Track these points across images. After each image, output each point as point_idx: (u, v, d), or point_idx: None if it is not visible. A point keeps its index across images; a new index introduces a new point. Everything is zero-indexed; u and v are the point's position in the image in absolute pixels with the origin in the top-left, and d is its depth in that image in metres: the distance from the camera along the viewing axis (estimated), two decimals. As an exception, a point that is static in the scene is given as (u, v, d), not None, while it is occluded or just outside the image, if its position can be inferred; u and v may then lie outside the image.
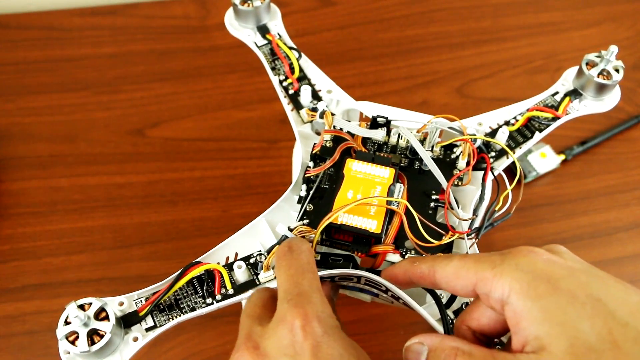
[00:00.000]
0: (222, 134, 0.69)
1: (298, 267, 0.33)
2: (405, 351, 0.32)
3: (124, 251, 0.61)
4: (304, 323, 0.29)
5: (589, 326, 0.26)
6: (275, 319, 0.31)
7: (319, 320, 0.30)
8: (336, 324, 0.30)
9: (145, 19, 0.80)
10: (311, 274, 0.33)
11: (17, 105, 0.71)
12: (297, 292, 0.31)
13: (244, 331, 0.32)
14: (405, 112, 0.48)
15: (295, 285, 0.32)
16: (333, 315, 0.31)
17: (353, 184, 0.41)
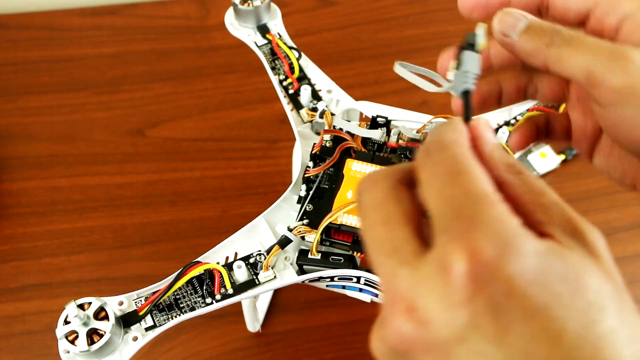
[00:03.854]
0: (222, 134, 0.69)
1: (445, 172, 0.21)
2: (503, 13, 0.28)
3: (124, 251, 0.61)
4: (483, 263, 0.18)
5: None
6: (433, 260, 0.19)
7: (505, 251, 0.18)
8: (525, 235, 0.19)
9: (145, 19, 0.80)
10: (465, 175, 0.20)
11: (17, 105, 0.71)
12: (455, 214, 0.19)
13: (386, 279, 0.20)
14: (405, 112, 0.48)
15: (448, 202, 0.20)
16: (518, 224, 0.19)
17: (353, 184, 0.41)
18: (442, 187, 0.20)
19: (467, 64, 0.27)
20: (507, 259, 0.18)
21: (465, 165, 0.21)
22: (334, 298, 0.57)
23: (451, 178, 0.20)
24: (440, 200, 0.20)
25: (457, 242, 0.19)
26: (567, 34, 0.27)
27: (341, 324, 0.56)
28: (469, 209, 0.19)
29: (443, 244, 0.19)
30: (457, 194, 0.20)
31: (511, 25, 0.28)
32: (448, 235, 0.19)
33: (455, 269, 0.19)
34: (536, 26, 0.28)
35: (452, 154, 0.21)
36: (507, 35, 0.28)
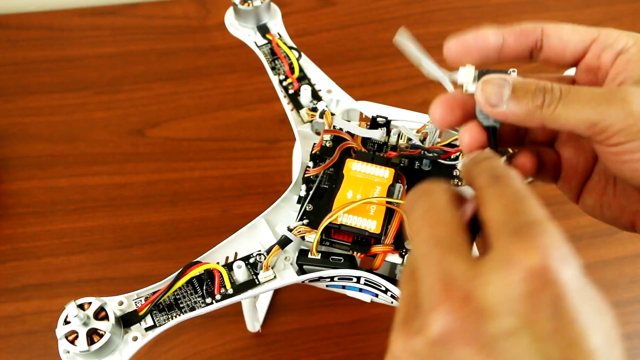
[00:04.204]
0: (222, 134, 0.69)
1: (513, 194, 0.23)
2: (483, 84, 0.28)
3: (124, 251, 0.61)
4: (543, 265, 0.20)
5: None
6: (496, 257, 0.21)
7: (562, 259, 0.20)
8: (580, 262, 0.21)
9: (145, 19, 0.80)
10: (533, 200, 0.23)
11: (17, 105, 0.71)
12: (523, 222, 0.21)
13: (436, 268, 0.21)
14: (405, 112, 0.48)
15: (516, 214, 0.22)
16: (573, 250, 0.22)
17: (353, 184, 0.41)
18: (511, 204, 0.22)
19: None
20: (568, 267, 0.20)
21: (531, 193, 0.23)
22: (334, 298, 0.57)
23: (521, 198, 0.23)
24: (508, 210, 0.22)
25: (526, 242, 0.20)
26: (557, 90, 0.27)
27: (341, 324, 0.57)
28: (536, 222, 0.21)
29: (509, 243, 0.21)
30: (527, 210, 0.22)
31: (496, 95, 0.27)
32: (517, 236, 0.21)
33: (522, 264, 0.20)
34: (522, 89, 0.27)
35: (520, 183, 0.23)
36: (495, 105, 0.28)
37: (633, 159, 0.27)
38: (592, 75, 0.30)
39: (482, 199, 0.24)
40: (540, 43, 0.30)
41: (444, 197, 0.24)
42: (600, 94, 0.27)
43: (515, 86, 0.27)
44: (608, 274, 0.59)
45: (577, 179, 0.33)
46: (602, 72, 0.30)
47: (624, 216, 0.31)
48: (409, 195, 0.25)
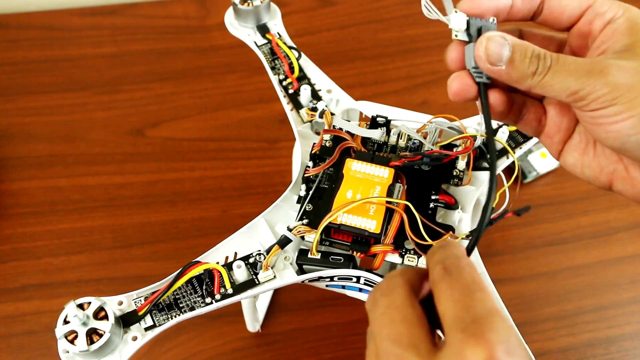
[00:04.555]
0: (222, 134, 0.69)
1: (462, 287, 0.25)
2: (487, 41, 0.30)
3: (124, 251, 0.61)
4: (491, 358, 0.22)
5: None
6: (449, 354, 0.23)
7: (508, 352, 0.22)
8: (527, 353, 0.25)
9: (145, 19, 0.80)
10: (482, 292, 0.25)
11: (17, 105, 0.71)
12: (472, 319, 0.23)
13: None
14: (405, 112, 0.48)
15: (465, 309, 0.24)
16: (521, 341, 0.25)
17: (352, 183, 0.41)
18: (462, 298, 0.24)
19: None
20: (506, 356, 0.22)
21: (481, 284, 0.25)
22: (334, 298, 0.57)
23: (470, 292, 0.25)
24: (458, 306, 0.24)
25: (474, 339, 0.23)
26: (548, 59, 0.29)
27: (341, 324, 0.56)
28: (486, 316, 0.23)
29: (460, 340, 0.23)
30: (475, 305, 0.24)
31: (497, 54, 0.30)
32: (466, 334, 0.23)
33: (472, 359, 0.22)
34: (521, 52, 0.30)
35: (470, 274, 0.25)
36: (495, 64, 0.30)
37: (606, 122, 0.30)
38: (582, 40, 0.32)
39: (435, 293, 0.26)
40: (542, 6, 0.32)
41: (403, 293, 0.26)
42: (583, 66, 0.29)
43: (514, 48, 0.30)
44: (608, 274, 0.59)
45: (559, 136, 0.34)
46: (592, 39, 0.32)
47: (602, 175, 0.34)
48: (370, 294, 0.27)
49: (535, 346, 0.55)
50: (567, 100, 0.30)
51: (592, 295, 0.58)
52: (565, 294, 0.58)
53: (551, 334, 0.56)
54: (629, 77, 0.28)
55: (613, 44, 0.30)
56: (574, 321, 0.57)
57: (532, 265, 0.60)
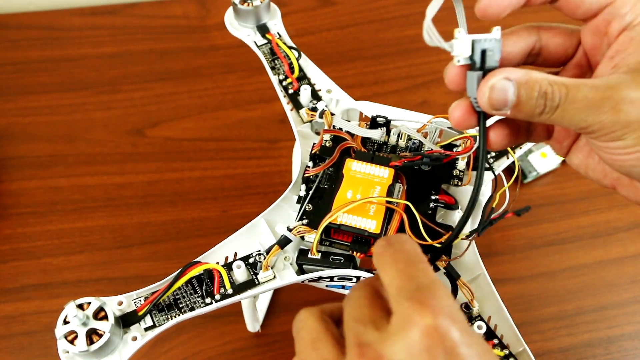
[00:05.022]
0: (222, 134, 0.69)
1: (406, 259, 0.27)
2: (490, 90, 0.29)
3: (124, 251, 0.61)
4: (436, 322, 0.24)
5: None
6: (398, 321, 0.25)
7: (451, 317, 0.24)
8: (464, 316, 0.26)
9: (145, 19, 0.80)
10: (423, 264, 0.26)
11: (17, 105, 0.71)
12: (416, 287, 0.25)
13: (354, 339, 0.26)
14: (405, 112, 0.48)
15: (409, 279, 0.26)
16: (458, 306, 0.26)
17: (352, 183, 0.41)
18: (405, 268, 0.26)
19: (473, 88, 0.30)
20: (456, 322, 0.24)
21: (422, 256, 0.27)
22: (334, 298, 0.57)
23: (413, 263, 0.26)
24: (402, 277, 0.26)
25: (419, 306, 0.24)
26: (557, 97, 0.29)
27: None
28: (428, 285, 0.25)
29: (407, 307, 0.24)
30: (419, 275, 0.26)
31: (501, 102, 0.29)
32: (411, 302, 0.24)
33: (418, 325, 0.24)
34: (526, 96, 0.29)
35: (411, 246, 0.27)
36: (501, 110, 0.29)
37: (612, 153, 0.30)
38: (597, 39, 0.31)
39: (379, 265, 0.27)
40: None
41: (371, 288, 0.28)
42: (593, 101, 0.28)
43: (519, 90, 0.29)
44: (609, 274, 0.59)
45: (568, 141, 0.34)
46: (607, 42, 0.30)
47: (605, 180, 0.34)
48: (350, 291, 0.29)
49: (535, 346, 0.55)
50: (577, 131, 0.30)
51: (592, 295, 0.58)
52: (565, 294, 0.58)
53: (551, 334, 0.56)
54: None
55: (627, 56, 0.29)
56: (574, 321, 0.57)
57: (532, 265, 0.60)
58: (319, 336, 0.27)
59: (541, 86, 0.29)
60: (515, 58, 0.32)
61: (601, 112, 0.28)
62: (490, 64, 0.29)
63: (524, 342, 0.39)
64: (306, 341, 0.28)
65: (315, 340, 0.27)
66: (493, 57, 0.29)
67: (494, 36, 0.30)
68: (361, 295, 0.28)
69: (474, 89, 0.30)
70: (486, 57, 0.29)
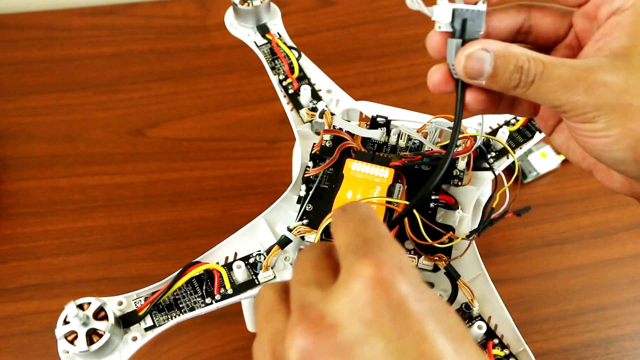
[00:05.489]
0: (222, 134, 0.69)
1: (356, 219, 0.25)
2: (466, 59, 0.29)
3: (124, 251, 0.61)
4: (380, 274, 0.22)
5: None
6: (342, 277, 0.23)
7: (398, 268, 0.22)
8: (417, 271, 0.24)
9: (145, 19, 0.80)
10: (373, 220, 0.25)
11: (17, 105, 0.71)
12: (363, 241, 0.24)
13: (297, 302, 0.24)
14: (405, 112, 0.48)
15: (358, 235, 0.24)
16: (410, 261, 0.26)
17: (352, 184, 0.41)
18: (356, 227, 0.25)
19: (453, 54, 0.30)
20: (404, 274, 0.22)
21: (373, 215, 0.26)
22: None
23: (363, 221, 0.25)
24: (352, 234, 0.25)
25: (364, 258, 0.23)
26: (532, 73, 0.29)
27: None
28: (375, 239, 0.24)
29: (352, 261, 0.23)
30: (366, 231, 0.24)
31: (477, 71, 0.29)
32: (357, 255, 0.23)
33: (361, 277, 0.22)
34: (502, 68, 0.29)
35: (364, 208, 0.26)
36: (476, 79, 0.29)
37: (584, 135, 0.30)
38: (587, 23, 0.31)
39: (333, 231, 0.26)
40: None
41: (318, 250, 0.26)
42: (568, 81, 0.28)
43: (496, 62, 0.29)
44: (609, 274, 0.59)
45: (552, 120, 0.34)
46: (597, 25, 0.30)
47: (584, 163, 0.34)
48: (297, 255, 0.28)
49: (535, 346, 0.55)
50: (550, 108, 0.30)
51: (592, 295, 0.58)
52: (565, 294, 0.58)
53: (551, 334, 0.56)
54: (613, 97, 0.28)
55: (611, 40, 0.29)
56: (574, 321, 0.57)
57: (532, 265, 0.60)
58: (273, 307, 0.26)
59: (518, 60, 0.29)
60: (502, 34, 0.32)
61: (574, 93, 0.28)
62: (471, 34, 0.29)
63: (524, 342, 0.39)
64: (261, 314, 0.26)
65: (270, 312, 0.26)
66: (474, 28, 0.29)
67: (478, 8, 0.29)
68: (307, 258, 0.27)
69: (452, 56, 0.30)
70: (467, 26, 0.29)
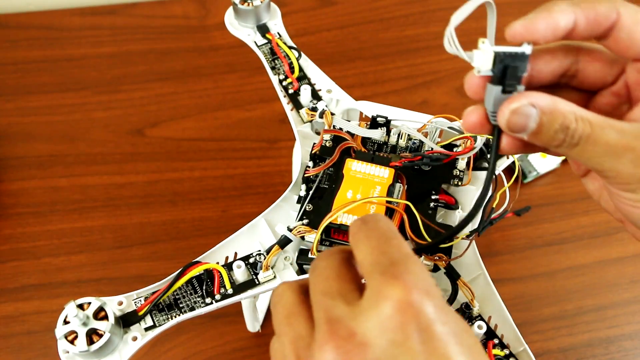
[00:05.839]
0: (222, 134, 0.69)
1: (379, 235, 0.26)
2: (511, 114, 0.27)
3: (124, 251, 0.61)
4: (410, 299, 0.23)
5: None
6: (370, 296, 0.24)
7: (426, 292, 0.23)
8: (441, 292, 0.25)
9: (145, 19, 0.80)
10: (397, 240, 0.25)
11: (17, 105, 0.71)
12: (389, 262, 0.24)
13: (323, 314, 0.24)
14: (405, 112, 0.48)
15: (383, 254, 0.25)
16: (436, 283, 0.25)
17: (352, 183, 0.41)
18: (379, 245, 0.25)
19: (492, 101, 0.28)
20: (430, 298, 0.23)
21: (396, 233, 0.26)
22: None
23: (386, 239, 0.25)
24: (376, 252, 0.25)
25: (393, 280, 0.23)
26: (577, 136, 0.27)
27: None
28: (402, 260, 0.24)
29: (380, 282, 0.24)
30: (391, 250, 0.25)
31: (521, 127, 0.28)
32: (385, 276, 0.24)
33: (391, 301, 0.23)
34: (547, 126, 0.27)
35: (386, 224, 0.26)
36: (518, 134, 0.28)
37: (621, 201, 0.30)
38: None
39: (353, 243, 0.26)
40: (609, 32, 0.28)
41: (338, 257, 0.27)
42: (614, 148, 0.27)
43: (541, 119, 0.27)
44: (609, 274, 0.59)
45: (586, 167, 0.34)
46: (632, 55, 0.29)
47: (616, 214, 0.33)
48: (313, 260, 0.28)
49: (535, 346, 0.55)
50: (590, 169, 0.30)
51: (592, 295, 0.58)
52: (565, 294, 0.58)
53: (551, 334, 0.56)
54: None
55: None
56: (574, 321, 0.57)
57: (532, 265, 0.60)
58: (293, 310, 0.26)
59: (565, 119, 0.27)
60: (547, 78, 0.30)
61: (620, 162, 0.27)
62: (513, 80, 0.27)
63: (524, 342, 0.39)
64: (281, 316, 0.26)
65: (290, 315, 0.26)
66: (516, 74, 0.27)
67: (522, 50, 0.27)
68: (327, 265, 0.27)
69: (491, 102, 0.28)
70: (508, 72, 0.27)
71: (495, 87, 0.28)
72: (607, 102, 0.31)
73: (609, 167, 0.28)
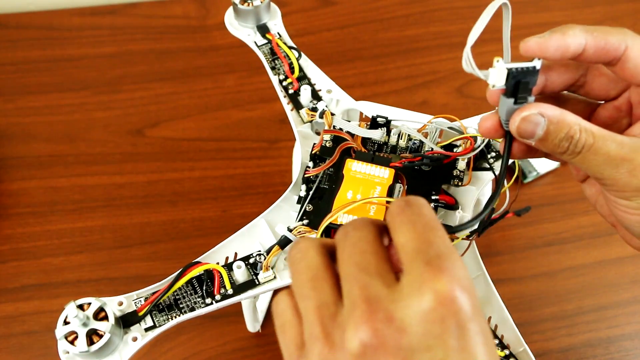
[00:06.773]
0: (222, 134, 0.69)
1: (425, 223, 0.25)
2: (521, 120, 0.31)
3: (124, 251, 0.61)
4: (453, 293, 0.23)
5: None
6: (412, 283, 0.24)
7: (467, 289, 0.23)
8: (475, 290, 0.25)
9: (145, 19, 0.80)
10: (442, 231, 0.25)
11: (17, 105, 0.71)
12: (435, 253, 0.24)
13: (360, 291, 0.24)
14: (405, 112, 0.48)
15: (428, 243, 0.24)
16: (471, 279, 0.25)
17: (353, 184, 0.41)
18: (425, 232, 0.25)
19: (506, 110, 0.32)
20: (469, 296, 0.23)
21: (440, 223, 0.26)
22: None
23: (431, 228, 0.25)
24: (421, 240, 0.24)
25: (438, 272, 0.23)
26: (580, 144, 0.30)
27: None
28: (447, 253, 0.24)
29: (424, 271, 0.23)
30: (437, 241, 0.24)
31: (530, 133, 0.31)
32: (430, 266, 0.23)
33: (436, 291, 0.23)
34: (554, 134, 0.30)
35: (430, 211, 0.26)
36: (526, 139, 0.31)
37: (617, 207, 0.32)
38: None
39: (393, 225, 0.26)
40: (618, 61, 0.31)
41: (374, 230, 0.26)
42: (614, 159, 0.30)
43: (548, 128, 0.30)
44: (609, 274, 0.59)
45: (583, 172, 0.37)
46: None
47: (609, 218, 0.36)
48: (341, 229, 0.27)
49: (535, 346, 0.55)
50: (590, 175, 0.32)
51: (592, 295, 0.58)
52: (565, 294, 0.58)
53: (551, 334, 0.56)
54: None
55: None
56: (574, 321, 0.57)
57: (532, 265, 0.60)
58: (319, 274, 0.25)
59: (570, 129, 0.30)
60: (558, 87, 0.33)
61: (618, 171, 0.30)
62: (524, 93, 0.31)
63: (524, 342, 0.39)
64: (306, 277, 0.26)
65: (315, 278, 0.25)
66: (527, 87, 0.30)
67: (534, 65, 0.30)
68: (362, 237, 0.26)
69: (505, 112, 0.31)
70: (520, 87, 0.30)
71: (508, 99, 0.31)
72: (608, 114, 0.34)
73: (608, 176, 0.30)
